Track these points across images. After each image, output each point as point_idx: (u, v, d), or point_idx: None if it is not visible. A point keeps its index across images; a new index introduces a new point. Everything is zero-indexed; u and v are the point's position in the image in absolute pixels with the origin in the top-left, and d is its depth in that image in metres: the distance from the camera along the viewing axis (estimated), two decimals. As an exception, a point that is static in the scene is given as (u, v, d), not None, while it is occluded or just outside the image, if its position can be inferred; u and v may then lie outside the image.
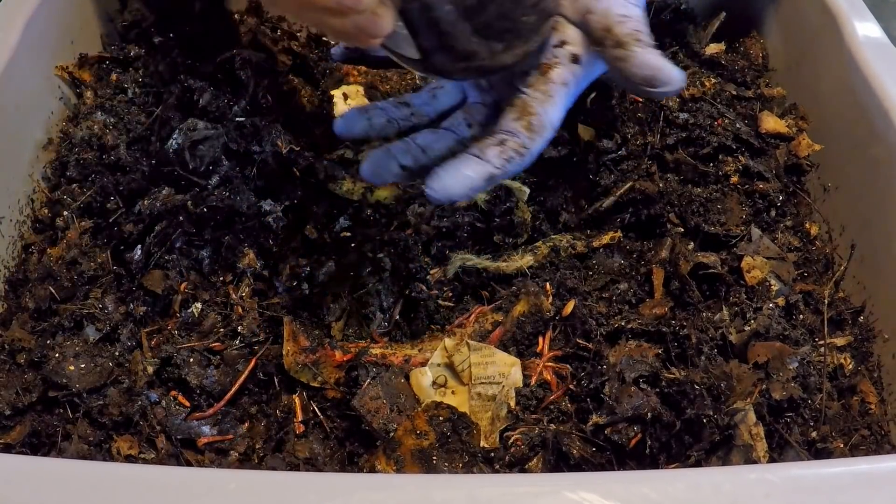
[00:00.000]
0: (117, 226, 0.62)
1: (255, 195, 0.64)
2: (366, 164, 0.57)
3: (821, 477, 0.40)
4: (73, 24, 0.76)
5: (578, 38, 0.55)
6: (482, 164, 0.52)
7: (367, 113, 0.60)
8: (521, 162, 0.53)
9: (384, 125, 0.60)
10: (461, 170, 0.52)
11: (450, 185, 0.51)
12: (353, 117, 0.60)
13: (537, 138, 0.54)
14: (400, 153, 0.57)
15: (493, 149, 0.52)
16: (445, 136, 0.58)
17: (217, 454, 0.54)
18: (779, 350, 0.55)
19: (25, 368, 0.55)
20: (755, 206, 0.67)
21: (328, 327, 0.60)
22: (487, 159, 0.52)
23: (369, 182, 0.59)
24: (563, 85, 0.55)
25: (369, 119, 0.60)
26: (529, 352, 0.59)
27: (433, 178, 0.51)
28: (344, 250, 0.63)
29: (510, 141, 0.53)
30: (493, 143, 0.52)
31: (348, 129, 0.60)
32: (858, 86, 0.65)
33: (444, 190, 0.51)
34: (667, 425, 0.51)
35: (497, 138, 0.53)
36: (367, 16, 0.48)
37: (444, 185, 0.51)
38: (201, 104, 0.69)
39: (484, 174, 0.52)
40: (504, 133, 0.53)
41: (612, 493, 0.39)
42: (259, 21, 0.81)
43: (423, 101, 0.61)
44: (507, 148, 0.52)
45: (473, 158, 0.52)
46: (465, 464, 0.50)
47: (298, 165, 0.66)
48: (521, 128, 0.53)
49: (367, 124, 0.60)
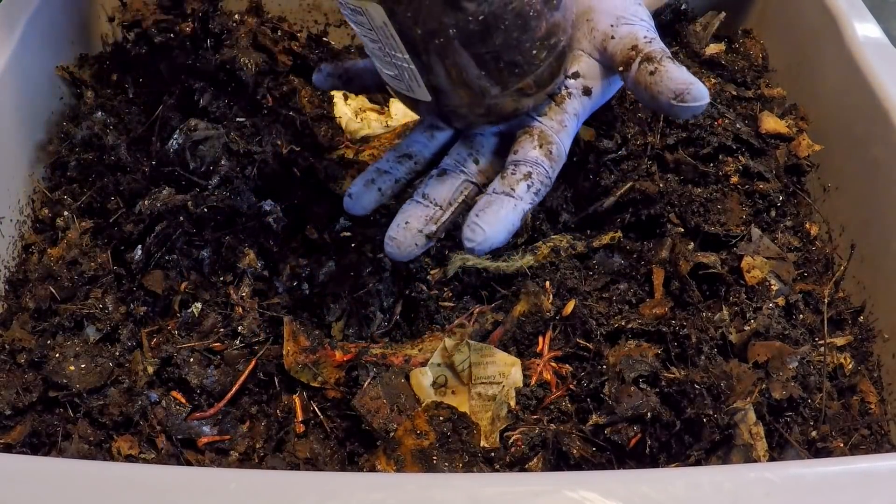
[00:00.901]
0: (118, 226, 0.62)
1: (256, 195, 0.64)
2: (389, 246, 0.53)
3: (821, 476, 0.40)
4: (74, 24, 0.76)
5: (591, 71, 0.56)
6: (516, 203, 0.51)
7: (375, 183, 0.57)
8: (545, 192, 0.53)
9: (393, 188, 0.58)
10: (499, 214, 0.51)
11: (490, 234, 0.50)
12: (360, 194, 0.57)
13: (557, 166, 0.54)
14: (420, 222, 0.53)
15: (522, 184, 0.52)
16: (453, 177, 0.55)
17: (217, 454, 0.54)
18: (779, 350, 0.55)
19: (26, 368, 0.55)
20: (755, 206, 0.67)
21: (328, 327, 0.60)
22: (520, 196, 0.51)
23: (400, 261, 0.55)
24: (574, 116, 0.56)
25: (379, 189, 0.57)
26: (529, 352, 0.59)
27: (472, 230, 0.50)
28: (344, 250, 0.63)
29: (535, 172, 0.53)
30: (521, 178, 0.52)
31: (362, 207, 0.57)
32: (858, 86, 0.65)
33: (486, 241, 0.50)
34: (667, 425, 0.51)
35: (523, 171, 0.52)
36: None
37: (486, 236, 0.50)
38: (202, 104, 0.69)
39: (520, 213, 0.51)
40: (529, 164, 0.53)
41: (612, 493, 0.39)
42: (259, 21, 0.81)
43: (423, 145, 0.59)
44: (535, 181, 0.52)
45: (507, 199, 0.51)
46: (466, 464, 0.50)
47: (299, 166, 0.66)
48: (543, 156, 0.53)
49: (378, 196, 0.57)
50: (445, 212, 0.54)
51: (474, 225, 0.50)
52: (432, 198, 0.54)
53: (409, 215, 0.54)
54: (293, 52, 0.80)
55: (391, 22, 0.48)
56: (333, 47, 0.84)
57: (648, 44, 0.54)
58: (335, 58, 0.82)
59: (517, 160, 0.53)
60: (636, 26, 0.56)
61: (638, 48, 0.54)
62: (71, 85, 0.74)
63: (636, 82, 0.53)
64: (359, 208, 0.57)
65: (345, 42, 0.85)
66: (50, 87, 0.72)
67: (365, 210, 0.57)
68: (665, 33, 0.80)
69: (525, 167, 0.53)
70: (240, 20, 0.80)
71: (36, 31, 0.68)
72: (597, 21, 0.57)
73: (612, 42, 0.55)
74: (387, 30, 0.48)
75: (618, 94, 0.72)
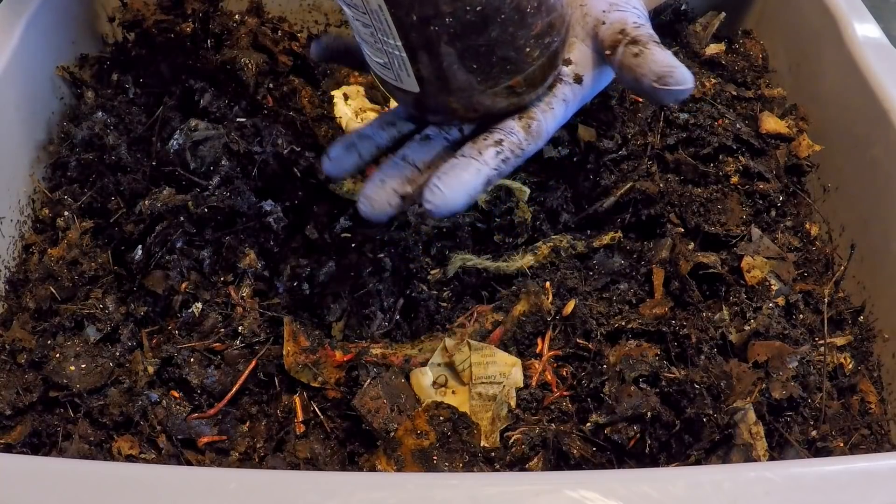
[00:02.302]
0: (118, 226, 0.62)
1: (256, 195, 0.64)
2: (362, 204, 0.53)
3: (820, 475, 0.40)
4: (74, 24, 0.76)
5: (584, 59, 0.56)
6: (480, 167, 0.50)
7: (356, 147, 0.56)
8: (515, 163, 0.53)
9: (374, 153, 0.57)
10: (461, 177, 0.50)
11: (450, 197, 0.49)
12: (340, 156, 0.57)
13: (533, 142, 0.54)
14: (397, 183, 0.53)
15: (491, 149, 0.51)
16: (435, 142, 0.55)
17: (217, 454, 0.54)
18: (778, 349, 0.55)
19: (26, 368, 0.55)
20: (755, 207, 0.67)
21: (328, 327, 0.60)
22: (485, 161, 0.51)
23: (373, 221, 0.55)
24: (563, 101, 0.56)
25: (359, 153, 0.57)
26: (530, 352, 0.59)
27: (431, 192, 0.49)
28: (344, 250, 0.63)
29: (507, 140, 0.52)
30: (491, 143, 0.52)
31: (340, 169, 0.57)
32: (858, 86, 0.65)
33: (444, 203, 0.49)
34: (666, 425, 0.51)
35: (494, 138, 0.52)
36: None
37: (444, 198, 0.49)
38: (202, 104, 0.69)
39: (483, 178, 0.50)
40: (502, 132, 0.52)
41: (612, 492, 0.39)
42: (260, 21, 0.81)
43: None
44: (505, 148, 0.52)
45: (471, 161, 0.51)
46: (466, 463, 0.50)
47: (299, 166, 0.66)
48: (520, 128, 0.53)
49: (357, 160, 0.57)
50: (423, 174, 0.53)
51: (434, 186, 0.49)
52: (412, 160, 0.54)
53: (387, 175, 0.54)
54: (293, 52, 0.80)
55: (386, 6, 0.47)
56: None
57: (636, 28, 0.54)
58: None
59: (494, 128, 0.53)
60: (627, 13, 0.56)
61: (626, 31, 0.54)
62: (71, 85, 0.74)
63: (621, 65, 0.53)
64: (336, 170, 0.57)
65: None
66: (50, 87, 0.72)
67: (343, 173, 0.57)
68: (665, 33, 0.80)
69: (498, 134, 0.52)
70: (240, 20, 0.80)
71: (36, 31, 0.68)
72: (590, 7, 0.57)
73: (603, 27, 0.55)
74: (381, 14, 0.48)
75: (618, 95, 0.72)
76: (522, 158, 0.53)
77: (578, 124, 0.70)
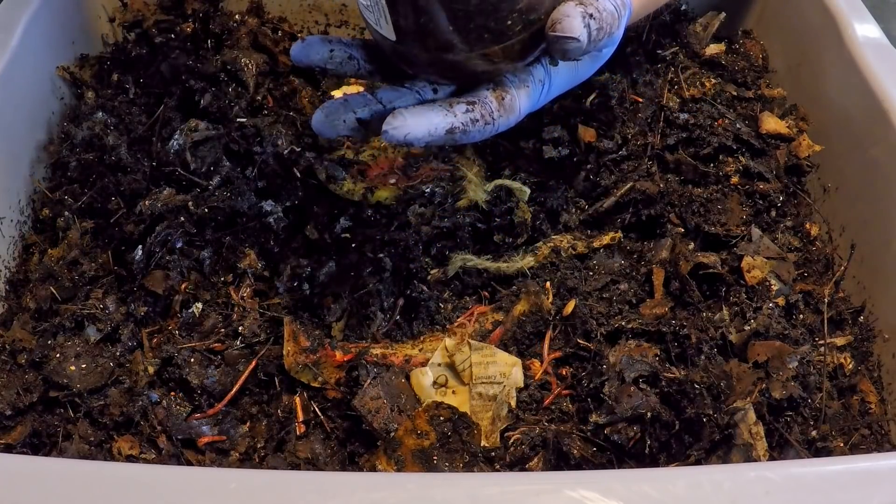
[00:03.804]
0: (118, 226, 0.62)
1: (256, 196, 0.64)
2: (319, 112, 0.53)
3: (820, 475, 0.40)
4: (74, 24, 0.76)
5: None
6: (447, 115, 0.51)
7: (331, 44, 0.56)
8: (483, 130, 0.53)
9: (344, 61, 0.56)
10: (426, 113, 0.50)
11: (411, 125, 0.50)
12: (313, 43, 0.56)
13: (505, 116, 0.54)
14: (358, 105, 0.54)
15: (462, 105, 0.52)
16: (408, 94, 0.55)
17: (218, 454, 0.54)
18: (778, 349, 0.55)
19: (26, 368, 0.55)
20: (755, 207, 0.67)
21: (329, 327, 0.60)
22: (454, 112, 0.51)
23: (319, 133, 0.55)
24: (539, 82, 0.56)
25: (331, 50, 0.56)
26: (530, 352, 0.59)
27: (395, 116, 0.50)
28: (344, 251, 0.63)
29: (479, 104, 0.52)
30: (463, 101, 0.52)
31: (306, 55, 0.56)
32: (858, 87, 0.65)
33: (404, 128, 0.50)
34: (666, 425, 0.51)
35: (467, 98, 0.53)
36: None
37: (406, 123, 0.50)
38: (202, 105, 0.69)
39: (446, 124, 0.51)
40: (476, 96, 0.53)
41: (612, 492, 0.39)
42: (260, 22, 0.81)
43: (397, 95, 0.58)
44: (476, 109, 0.52)
45: (440, 108, 0.51)
46: (466, 463, 0.50)
47: (299, 166, 0.66)
48: (493, 99, 0.53)
49: (326, 55, 0.56)
50: (385, 108, 0.54)
51: (398, 113, 0.50)
52: (379, 96, 0.55)
53: (351, 98, 0.54)
54: (294, 52, 0.80)
55: None
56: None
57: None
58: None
59: (469, 93, 0.53)
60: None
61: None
62: (72, 85, 0.74)
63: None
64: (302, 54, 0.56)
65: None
66: (51, 88, 0.72)
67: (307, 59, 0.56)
68: (665, 33, 0.80)
69: (471, 97, 0.53)
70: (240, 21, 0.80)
71: (36, 31, 0.68)
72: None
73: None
74: None
75: (618, 95, 0.72)
76: (493, 129, 0.54)
77: (579, 124, 0.70)
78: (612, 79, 0.73)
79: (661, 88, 0.74)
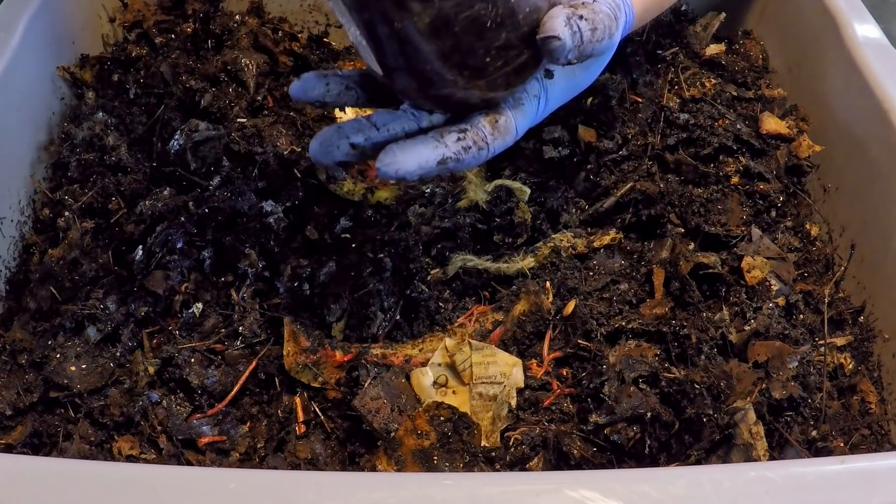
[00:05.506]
0: (119, 226, 0.62)
1: (257, 196, 0.64)
2: (314, 141, 0.54)
3: (820, 475, 0.40)
4: (75, 24, 0.76)
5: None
6: (439, 147, 0.51)
7: (326, 78, 0.57)
8: (478, 156, 0.53)
9: (342, 92, 0.57)
10: (417, 147, 0.51)
11: (402, 161, 0.50)
12: (310, 80, 0.56)
13: (500, 138, 0.54)
14: (352, 131, 0.54)
15: (453, 134, 0.52)
16: (404, 118, 0.56)
17: (218, 454, 0.54)
18: (779, 349, 0.55)
19: (27, 369, 0.55)
20: (755, 207, 0.67)
21: (329, 327, 0.60)
22: (445, 143, 0.51)
23: (316, 161, 0.55)
24: (534, 97, 0.56)
25: (327, 84, 0.56)
26: (530, 352, 0.59)
27: (386, 153, 0.51)
28: (345, 251, 0.63)
29: (471, 131, 0.52)
30: (454, 130, 0.52)
31: (304, 92, 0.56)
32: (858, 87, 0.65)
33: (394, 164, 0.50)
34: (666, 425, 0.51)
35: (459, 126, 0.53)
36: None
37: (396, 160, 0.50)
38: (203, 105, 0.69)
39: (437, 156, 0.51)
40: (468, 123, 0.53)
41: (612, 492, 0.39)
42: (260, 22, 0.81)
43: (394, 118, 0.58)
44: (468, 137, 0.52)
45: (431, 140, 0.51)
46: (466, 464, 0.50)
47: (299, 166, 0.66)
48: (486, 123, 0.53)
49: (324, 90, 0.56)
50: (380, 132, 0.54)
51: (389, 149, 0.51)
52: (374, 120, 0.55)
53: (345, 124, 0.54)
54: (294, 52, 0.80)
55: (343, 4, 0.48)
56: (334, 48, 0.84)
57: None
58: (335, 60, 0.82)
59: (461, 120, 0.54)
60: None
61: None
62: (72, 85, 0.75)
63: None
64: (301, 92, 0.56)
65: (345, 43, 0.85)
66: (51, 88, 0.72)
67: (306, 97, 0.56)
68: (665, 34, 0.80)
69: (463, 124, 0.53)
70: (241, 21, 0.80)
71: (37, 32, 0.68)
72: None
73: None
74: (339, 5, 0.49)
75: (618, 95, 0.72)
76: (489, 152, 0.54)
77: (579, 124, 0.70)
78: (612, 79, 0.73)
79: (661, 89, 0.74)
